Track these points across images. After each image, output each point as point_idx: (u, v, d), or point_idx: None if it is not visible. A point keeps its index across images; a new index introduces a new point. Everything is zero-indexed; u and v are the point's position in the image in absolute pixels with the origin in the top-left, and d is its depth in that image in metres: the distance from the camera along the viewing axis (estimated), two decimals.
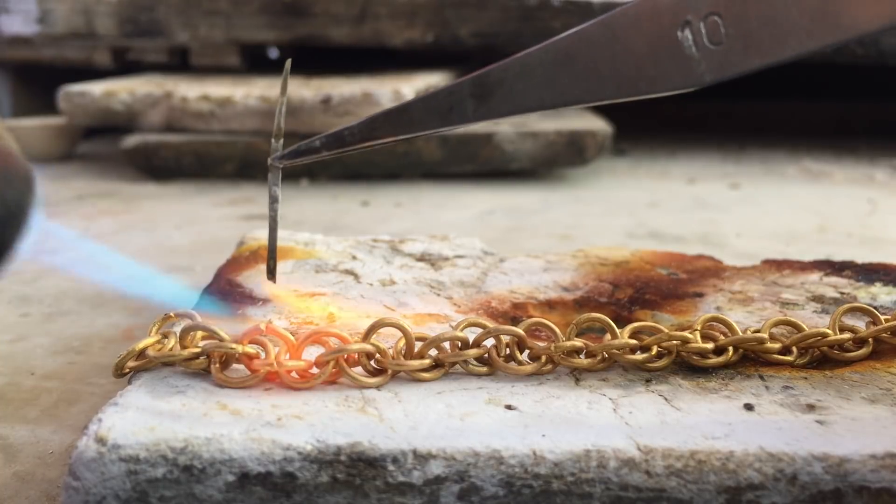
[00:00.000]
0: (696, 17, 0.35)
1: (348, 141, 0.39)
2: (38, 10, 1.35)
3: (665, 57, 0.35)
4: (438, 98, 0.38)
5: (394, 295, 0.47)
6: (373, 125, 0.39)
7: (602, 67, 0.36)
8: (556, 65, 0.37)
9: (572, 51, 0.36)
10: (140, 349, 0.36)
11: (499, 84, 0.37)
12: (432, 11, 1.22)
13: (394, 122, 0.39)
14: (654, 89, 0.36)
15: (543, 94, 0.37)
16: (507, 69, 0.37)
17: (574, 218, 0.90)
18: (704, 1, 0.35)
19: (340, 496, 0.29)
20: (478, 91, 0.37)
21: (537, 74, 0.37)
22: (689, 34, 0.35)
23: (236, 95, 1.10)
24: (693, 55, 0.35)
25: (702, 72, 0.35)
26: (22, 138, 1.15)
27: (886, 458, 0.29)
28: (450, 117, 0.38)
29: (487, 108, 0.37)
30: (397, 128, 0.39)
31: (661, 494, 0.29)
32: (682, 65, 0.35)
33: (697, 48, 0.35)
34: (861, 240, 0.81)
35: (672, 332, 0.36)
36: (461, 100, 0.38)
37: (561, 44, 0.37)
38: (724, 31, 0.34)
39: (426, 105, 0.38)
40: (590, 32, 0.36)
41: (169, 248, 0.77)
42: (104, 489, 0.29)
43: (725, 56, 0.35)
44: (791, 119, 1.53)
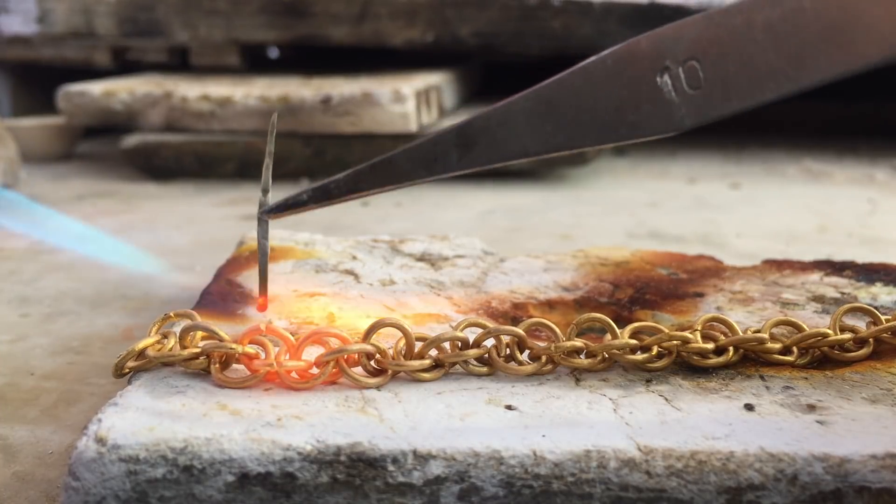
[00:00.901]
0: (675, 63, 0.35)
1: (334, 194, 0.39)
2: (37, 10, 1.35)
3: (645, 102, 0.36)
4: (423, 149, 0.38)
5: (394, 295, 0.47)
6: (357, 178, 0.39)
7: (583, 115, 0.36)
8: (537, 113, 0.37)
9: (553, 99, 0.37)
10: (140, 349, 0.36)
11: (482, 133, 0.37)
12: (432, 11, 1.22)
13: (379, 174, 0.39)
14: (635, 135, 0.36)
15: (526, 143, 0.37)
16: (490, 118, 0.37)
17: (574, 218, 0.90)
18: (682, 47, 0.35)
19: (340, 496, 0.29)
20: (461, 140, 0.38)
21: (519, 123, 0.37)
22: (668, 80, 0.35)
23: (236, 95, 1.10)
24: (673, 100, 0.35)
25: (682, 116, 0.35)
26: (22, 138, 1.16)
27: (887, 459, 0.29)
28: (434, 167, 0.38)
29: (471, 157, 0.38)
30: (382, 180, 0.39)
31: (662, 495, 0.29)
32: (663, 110, 0.35)
33: (677, 93, 0.35)
34: (861, 240, 0.81)
35: (672, 332, 0.36)
36: (445, 150, 0.38)
37: (542, 92, 0.37)
38: (702, 76, 0.35)
39: (411, 156, 0.38)
40: (570, 80, 0.37)
41: (169, 248, 0.77)
42: (104, 489, 0.29)
43: (705, 100, 0.35)
44: (791, 119, 1.53)
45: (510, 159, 0.38)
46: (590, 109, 0.36)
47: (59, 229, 0.36)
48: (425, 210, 0.93)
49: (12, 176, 1.05)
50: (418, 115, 1.08)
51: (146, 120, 1.12)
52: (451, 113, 1.23)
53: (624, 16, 1.16)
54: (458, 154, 0.37)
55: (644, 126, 0.36)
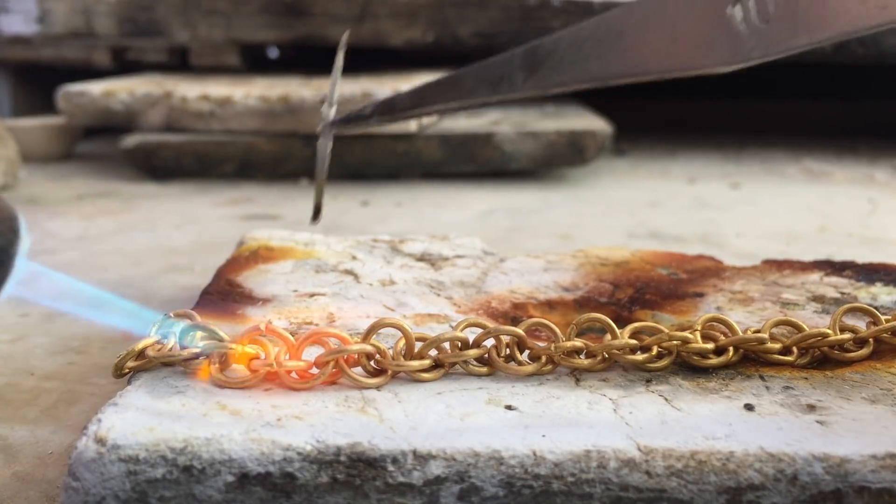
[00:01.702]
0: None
1: (399, 107, 0.39)
2: (37, 10, 1.35)
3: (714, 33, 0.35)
4: (490, 68, 0.38)
5: (394, 295, 0.47)
6: (423, 92, 0.39)
7: (651, 42, 0.36)
8: (606, 38, 0.36)
9: (623, 25, 0.36)
10: (140, 349, 0.36)
11: (549, 56, 0.37)
12: (432, 11, 1.22)
13: (445, 89, 0.38)
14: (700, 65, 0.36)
15: (592, 67, 0.37)
16: (559, 41, 0.37)
17: (574, 218, 0.90)
18: None
19: (340, 497, 0.29)
20: (528, 62, 0.37)
21: (587, 47, 0.36)
22: (740, 10, 0.34)
23: (236, 95, 1.10)
24: (742, 32, 0.35)
25: (749, 48, 0.35)
26: (22, 138, 1.16)
27: (887, 459, 0.29)
28: (500, 87, 0.38)
29: (536, 78, 0.37)
30: (447, 95, 0.38)
31: (662, 495, 0.29)
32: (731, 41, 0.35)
33: (746, 25, 0.34)
34: (861, 240, 0.81)
35: (672, 332, 0.36)
36: (512, 70, 0.38)
37: (612, 18, 0.37)
38: (772, 10, 0.34)
39: (478, 74, 0.38)
40: (641, 7, 0.36)
41: (169, 248, 0.77)
42: (104, 489, 0.29)
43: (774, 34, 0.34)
44: (791, 119, 1.53)
45: (575, 82, 0.37)
46: (658, 37, 0.36)
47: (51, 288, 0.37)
48: (425, 210, 0.93)
49: (12, 176, 1.05)
50: None
51: (146, 120, 1.12)
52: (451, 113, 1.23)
53: None
54: (523, 75, 0.37)
55: (711, 56, 0.35)
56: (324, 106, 0.39)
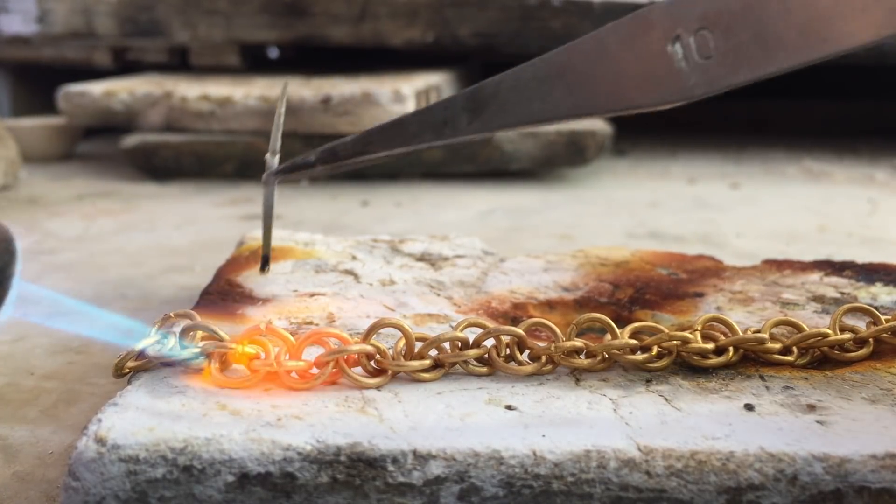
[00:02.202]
0: (687, 32, 0.35)
1: (342, 155, 0.39)
2: (37, 10, 1.35)
3: (656, 71, 0.35)
4: (433, 112, 0.38)
5: (394, 295, 0.47)
6: (367, 139, 0.39)
7: (594, 81, 0.36)
8: (548, 78, 0.37)
9: (565, 65, 0.37)
10: (140, 349, 0.36)
11: (492, 97, 0.37)
12: (432, 11, 1.22)
13: (388, 136, 0.38)
14: (644, 103, 0.36)
15: (536, 108, 0.37)
16: (501, 83, 0.37)
17: (574, 218, 0.90)
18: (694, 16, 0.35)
19: (340, 497, 0.29)
20: (471, 105, 0.37)
21: (530, 88, 0.37)
22: (680, 48, 0.35)
23: (236, 95, 1.10)
24: (683, 69, 0.35)
25: (692, 85, 0.35)
26: (22, 138, 1.16)
27: (887, 459, 0.29)
28: (444, 131, 0.38)
29: (481, 121, 0.37)
30: (391, 141, 0.38)
31: (662, 495, 0.29)
32: (673, 78, 0.35)
33: (687, 62, 0.35)
34: (861, 240, 0.81)
35: (672, 332, 0.36)
36: (455, 114, 0.38)
37: (554, 58, 0.37)
38: (713, 46, 0.35)
39: (421, 119, 0.38)
40: (582, 47, 0.37)
41: (169, 248, 0.77)
42: (104, 489, 0.29)
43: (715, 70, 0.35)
44: (791, 119, 1.53)
45: (520, 124, 0.37)
46: (600, 76, 0.36)
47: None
48: (425, 210, 0.93)
49: (12, 176, 1.05)
50: None
51: (146, 120, 1.12)
52: None
53: (624, 16, 1.15)
54: (467, 118, 0.37)
55: (654, 94, 0.36)
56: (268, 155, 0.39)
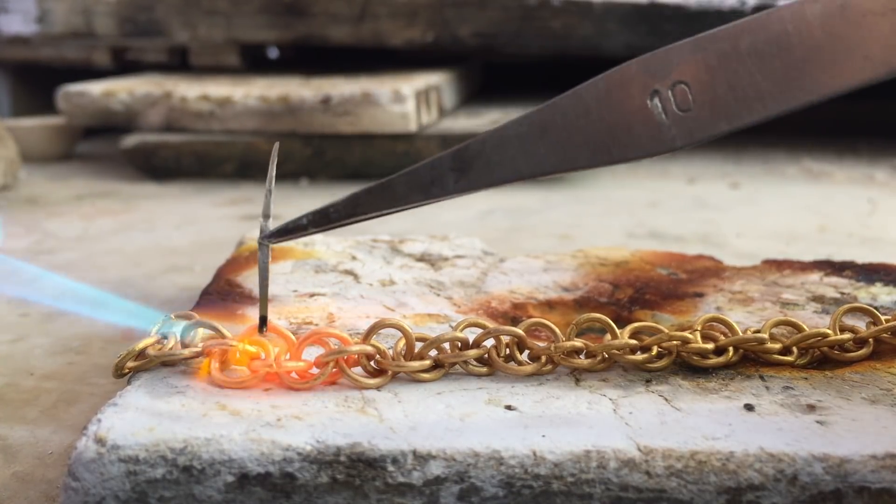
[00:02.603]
0: (665, 86, 0.36)
1: (333, 218, 0.40)
2: (37, 10, 1.35)
3: (636, 125, 0.36)
4: (420, 173, 0.39)
5: (394, 295, 0.47)
6: (356, 202, 0.40)
7: (576, 137, 0.37)
8: (531, 137, 0.38)
9: (546, 123, 0.38)
10: (140, 349, 0.36)
11: (477, 157, 0.38)
12: (432, 11, 1.22)
13: (377, 198, 0.39)
14: (626, 156, 0.37)
15: (520, 165, 0.38)
16: (485, 142, 0.39)
17: (574, 218, 0.90)
18: (672, 70, 0.36)
19: (340, 497, 0.29)
20: (457, 164, 0.39)
21: (514, 146, 0.38)
22: (659, 102, 0.36)
23: (236, 95, 1.10)
24: (663, 122, 0.36)
25: (672, 137, 0.36)
26: (21, 138, 1.16)
27: (887, 459, 0.29)
28: (431, 191, 0.39)
29: (467, 180, 0.39)
30: (380, 203, 0.40)
31: (662, 495, 0.29)
32: (653, 131, 0.36)
33: (667, 115, 0.36)
34: (861, 240, 0.81)
35: (672, 332, 0.36)
36: (442, 174, 0.39)
37: (535, 116, 0.38)
38: (691, 98, 0.36)
39: (408, 180, 0.39)
40: (562, 104, 0.38)
41: (169, 248, 0.77)
42: (103, 490, 0.29)
43: (695, 121, 0.36)
44: (791, 119, 1.53)
45: (505, 182, 0.39)
46: (582, 132, 0.37)
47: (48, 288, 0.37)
48: (425, 210, 0.92)
49: (12, 176, 1.05)
50: (418, 115, 1.08)
51: (146, 120, 1.12)
52: (450, 113, 1.23)
53: (624, 16, 1.16)
54: (454, 177, 0.39)
55: (636, 147, 0.37)
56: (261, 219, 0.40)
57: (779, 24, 0.35)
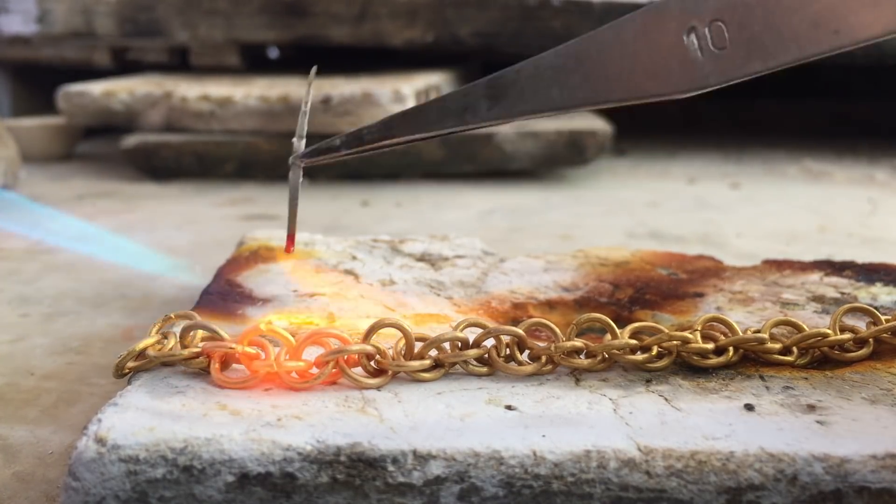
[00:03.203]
0: (701, 23, 0.36)
1: (367, 139, 0.40)
2: (37, 10, 1.35)
3: (671, 60, 0.36)
4: (454, 98, 0.39)
5: (394, 295, 0.47)
6: (390, 124, 0.40)
7: (611, 70, 0.37)
8: (566, 67, 0.38)
9: (582, 54, 0.38)
10: (140, 349, 0.36)
11: (511, 85, 0.38)
12: (432, 11, 1.22)
13: (410, 121, 0.40)
14: (660, 92, 0.37)
15: (554, 95, 0.38)
16: (520, 71, 0.38)
17: (574, 218, 0.90)
18: (709, 8, 0.36)
19: (340, 497, 0.29)
20: (491, 92, 0.39)
21: (548, 76, 0.38)
22: (695, 39, 0.36)
23: (236, 95, 1.10)
24: (698, 59, 0.36)
25: (706, 75, 0.36)
26: (22, 138, 1.16)
27: (887, 459, 0.29)
28: (464, 117, 0.39)
29: (500, 108, 0.39)
30: (414, 127, 0.40)
31: (662, 495, 0.29)
32: (688, 68, 0.36)
33: (702, 52, 0.36)
34: (861, 240, 0.81)
35: (672, 332, 0.36)
36: (475, 100, 0.39)
37: (571, 47, 0.38)
38: (727, 37, 0.35)
39: (442, 105, 0.40)
40: (599, 37, 0.38)
41: (169, 248, 0.77)
42: (104, 490, 0.29)
43: (729, 60, 0.36)
44: (791, 119, 1.53)
45: (538, 111, 0.39)
46: (617, 65, 0.37)
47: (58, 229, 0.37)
48: (425, 210, 0.93)
49: (12, 176, 1.05)
50: None
51: (146, 120, 1.12)
52: None
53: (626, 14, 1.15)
54: (487, 104, 0.39)
55: (669, 83, 0.37)
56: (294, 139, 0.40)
57: None
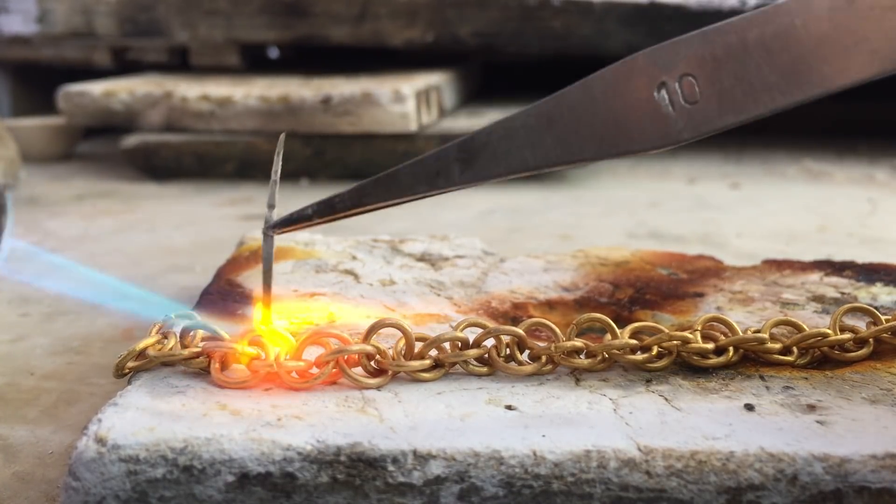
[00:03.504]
0: (672, 78, 0.36)
1: (339, 208, 0.40)
2: (37, 10, 1.35)
3: (643, 117, 0.36)
4: (426, 163, 0.39)
5: (394, 295, 0.47)
6: (362, 192, 0.40)
7: (582, 129, 0.37)
8: (537, 127, 0.38)
9: (553, 114, 0.38)
10: (140, 349, 0.36)
11: (483, 148, 0.38)
12: (432, 11, 1.22)
13: (382, 189, 0.39)
14: (633, 149, 0.37)
15: (527, 156, 0.38)
16: (491, 133, 0.38)
17: (574, 218, 0.90)
18: (679, 62, 0.36)
19: (340, 496, 0.29)
20: (463, 155, 0.39)
21: (520, 137, 0.38)
22: (666, 94, 0.36)
23: (236, 95, 1.10)
24: (670, 114, 0.36)
25: (679, 130, 0.36)
26: (22, 138, 1.16)
27: (887, 459, 0.29)
28: (437, 182, 0.39)
29: (473, 171, 0.39)
30: (386, 194, 0.40)
31: (662, 495, 0.29)
32: (660, 124, 0.36)
33: (674, 107, 0.36)
34: (861, 240, 0.81)
35: (672, 332, 0.36)
36: (448, 164, 0.39)
37: (542, 107, 0.38)
38: (699, 91, 0.36)
39: (414, 171, 0.39)
40: (569, 96, 0.38)
41: (169, 248, 0.77)
42: (104, 489, 0.29)
43: (702, 114, 0.36)
44: (791, 119, 1.53)
45: (511, 172, 0.39)
46: (589, 123, 0.37)
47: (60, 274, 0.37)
48: (425, 210, 0.93)
49: (12, 176, 1.05)
50: (418, 115, 1.08)
51: (146, 120, 1.12)
52: (450, 113, 1.23)
53: (624, 16, 1.16)
54: (460, 168, 0.38)
55: (642, 140, 0.37)
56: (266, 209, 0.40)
57: (786, 17, 0.35)
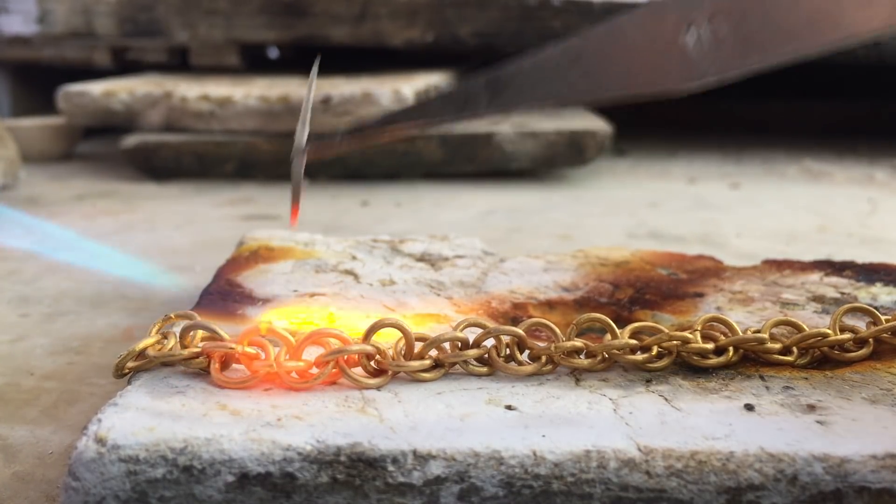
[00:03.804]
0: (700, 19, 0.36)
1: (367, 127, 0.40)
2: (37, 10, 1.35)
3: (670, 56, 0.36)
4: (455, 92, 0.40)
5: (394, 295, 0.47)
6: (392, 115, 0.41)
7: (609, 65, 0.37)
8: (565, 62, 0.38)
9: (581, 50, 0.38)
10: (140, 349, 0.36)
11: (511, 79, 0.39)
12: (432, 11, 1.22)
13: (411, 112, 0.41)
14: (658, 87, 0.37)
15: (553, 90, 0.38)
16: (521, 66, 0.39)
17: (574, 218, 0.90)
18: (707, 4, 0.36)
19: (340, 496, 0.29)
20: (492, 86, 0.39)
21: (548, 70, 0.38)
22: (694, 34, 0.36)
23: (236, 95, 1.10)
24: (696, 54, 0.36)
25: (704, 71, 0.36)
26: (22, 138, 1.16)
27: (887, 459, 0.29)
28: (464, 108, 0.40)
29: (500, 101, 0.39)
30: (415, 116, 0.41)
31: (662, 495, 0.29)
32: (686, 63, 0.36)
33: (700, 48, 0.36)
34: (861, 240, 0.81)
35: (672, 332, 0.36)
36: (476, 93, 0.39)
37: (572, 44, 0.38)
38: (726, 32, 0.35)
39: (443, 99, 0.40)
40: (599, 32, 0.38)
41: (169, 248, 0.77)
42: (104, 489, 0.29)
43: (727, 55, 0.36)
44: (791, 119, 1.53)
45: (536, 104, 0.39)
46: (615, 60, 0.38)
47: (52, 238, 0.37)
48: (425, 210, 0.93)
49: (12, 176, 1.05)
50: None
51: (146, 120, 1.12)
52: None
53: None
54: (487, 98, 0.39)
55: (667, 79, 0.37)
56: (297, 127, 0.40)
57: None
